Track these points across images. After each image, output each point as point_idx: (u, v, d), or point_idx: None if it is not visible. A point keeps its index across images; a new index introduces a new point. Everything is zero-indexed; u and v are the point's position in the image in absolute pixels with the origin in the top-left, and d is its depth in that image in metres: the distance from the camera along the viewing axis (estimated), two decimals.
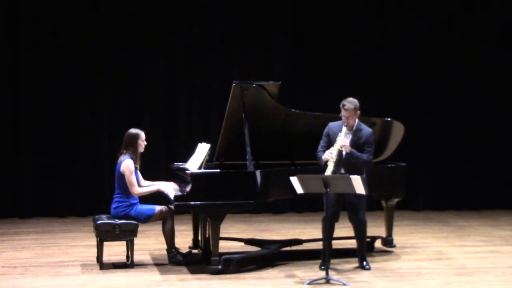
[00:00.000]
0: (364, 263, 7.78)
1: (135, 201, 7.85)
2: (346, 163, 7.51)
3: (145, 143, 7.99)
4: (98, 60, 11.53)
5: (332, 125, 7.69)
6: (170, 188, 7.90)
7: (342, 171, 7.52)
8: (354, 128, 7.60)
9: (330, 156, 7.39)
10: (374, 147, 7.68)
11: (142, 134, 7.96)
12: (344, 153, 7.48)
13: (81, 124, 11.48)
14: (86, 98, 11.51)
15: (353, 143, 7.53)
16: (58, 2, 11.42)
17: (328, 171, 7.32)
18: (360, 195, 7.30)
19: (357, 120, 7.62)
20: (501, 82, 12.44)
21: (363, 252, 7.84)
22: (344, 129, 7.50)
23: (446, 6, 12.30)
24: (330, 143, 7.57)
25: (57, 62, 11.43)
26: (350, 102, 7.51)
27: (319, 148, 7.66)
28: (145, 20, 11.65)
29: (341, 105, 7.52)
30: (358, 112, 7.56)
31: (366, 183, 7.46)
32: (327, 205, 7.57)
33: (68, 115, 11.46)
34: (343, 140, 7.42)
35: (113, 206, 7.85)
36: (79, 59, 11.47)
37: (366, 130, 7.65)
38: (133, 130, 7.96)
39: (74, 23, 11.44)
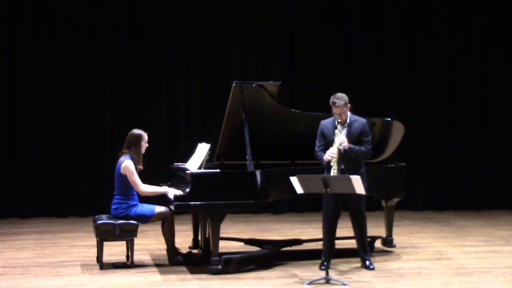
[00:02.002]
0: (367, 263, 7.76)
1: (135, 203, 7.83)
2: (345, 158, 7.50)
3: (147, 145, 7.97)
4: (98, 60, 11.53)
5: (325, 122, 7.69)
6: (172, 191, 7.86)
7: (342, 166, 7.51)
8: (348, 121, 7.60)
9: (332, 156, 7.39)
10: (371, 136, 7.67)
11: (145, 136, 7.93)
12: (342, 149, 7.48)
13: (81, 124, 11.49)
14: (86, 98, 11.51)
15: (349, 136, 7.53)
16: (58, 1, 11.42)
17: (333, 171, 7.32)
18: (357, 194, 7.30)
19: (349, 113, 7.62)
20: (501, 82, 12.44)
21: (366, 250, 7.80)
22: (338, 126, 7.50)
23: (446, 6, 12.30)
24: (326, 141, 7.57)
25: (57, 62, 11.43)
26: (340, 98, 7.49)
27: (316, 148, 7.65)
28: (145, 20, 11.65)
29: (331, 103, 7.51)
30: (349, 105, 7.56)
31: (365, 177, 7.47)
32: (327, 204, 7.57)
33: (68, 115, 11.46)
34: (341, 138, 7.42)
35: (113, 207, 7.84)
36: (79, 59, 11.47)
37: (360, 121, 7.65)
38: (136, 131, 7.93)
39: (74, 23, 11.44)
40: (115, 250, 8.52)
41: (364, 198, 7.65)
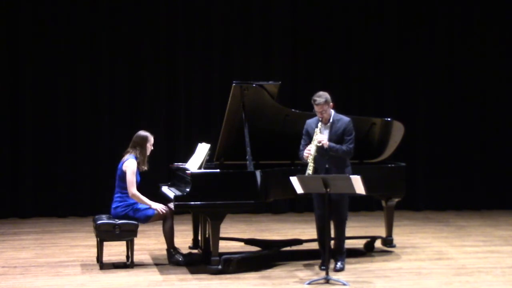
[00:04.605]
0: (339, 265, 7.64)
1: (135, 201, 7.84)
2: (329, 157, 7.50)
3: (153, 147, 7.99)
4: (98, 61, 11.53)
5: (309, 121, 7.70)
6: (160, 207, 7.81)
7: (327, 165, 7.51)
8: (331, 120, 7.59)
9: (308, 153, 7.39)
10: (354, 134, 7.62)
11: (151, 138, 7.96)
12: (326, 147, 7.46)
13: (81, 124, 11.49)
14: (86, 98, 11.51)
15: (332, 136, 7.53)
16: (58, 3, 11.42)
17: (309, 169, 7.30)
18: (342, 193, 7.30)
19: (332, 112, 7.62)
20: (501, 83, 12.44)
21: (341, 252, 7.71)
22: (319, 124, 7.50)
23: (445, 7, 12.30)
24: (310, 141, 7.56)
25: (58, 62, 11.43)
26: (320, 96, 7.50)
27: (301, 147, 7.66)
28: (145, 20, 11.65)
29: (312, 101, 7.52)
30: (331, 104, 7.55)
31: (351, 172, 7.50)
32: (315, 205, 7.59)
33: (68, 114, 11.46)
34: (320, 136, 7.42)
35: (113, 206, 7.84)
36: (79, 60, 11.47)
37: (343, 120, 7.62)
38: (143, 132, 7.96)
39: (74, 24, 11.44)
40: (115, 250, 8.51)
41: (347, 201, 7.63)
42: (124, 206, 7.78)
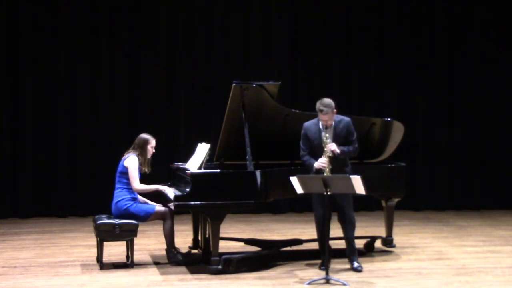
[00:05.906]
0: (356, 264, 7.70)
1: (136, 196, 7.88)
2: (331, 159, 7.51)
3: (154, 150, 8.02)
4: (98, 61, 11.54)
5: (307, 125, 7.67)
6: (169, 189, 7.93)
7: (330, 166, 7.51)
8: (333, 123, 7.60)
9: (323, 166, 7.38)
10: (356, 133, 7.66)
11: (153, 141, 8.01)
12: (332, 155, 7.46)
13: (81, 124, 11.49)
14: (86, 99, 11.51)
15: (336, 138, 7.53)
16: (58, 3, 11.42)
17: None
18: (345, 194, 7.32)
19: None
20: (501, 83, 12.43)
21: (354, 252, 7.75)
22: (323, 130, 7.47)
23: (445, 7, 12.30)
24: (311, 145, 7.56)
25: (57, 63, 11.43)
26: (327, 106, 7.43)
27: (302, 152, 7.63)
28: (144, 20, 11.65)
29: (317, 110, 7.46)
30: (335, 110, 7.55)
31: (351, 172, 7.52)
32: (315, 205, 7.58)
33: (68, 115, 11.46)
34: (331, 145, 7.40)
35: (114, 201, 7.86)
36: (79, 60, 11.47)
37: (344, 121, 7.63)
38: (144, 135, 8.02)
39: (74, 23, 11.45)
40: (115, 250, 8.52)
41: (351, 201, 7.65)
42: (126, 200, 7.80)
